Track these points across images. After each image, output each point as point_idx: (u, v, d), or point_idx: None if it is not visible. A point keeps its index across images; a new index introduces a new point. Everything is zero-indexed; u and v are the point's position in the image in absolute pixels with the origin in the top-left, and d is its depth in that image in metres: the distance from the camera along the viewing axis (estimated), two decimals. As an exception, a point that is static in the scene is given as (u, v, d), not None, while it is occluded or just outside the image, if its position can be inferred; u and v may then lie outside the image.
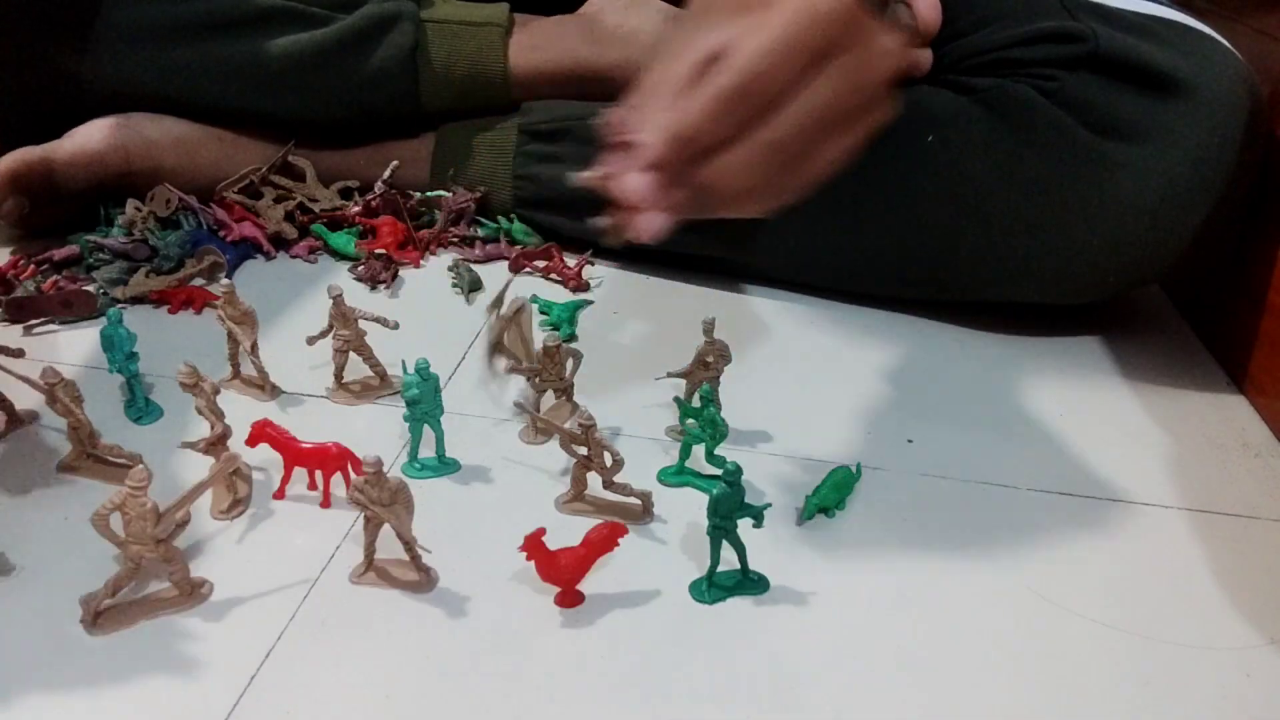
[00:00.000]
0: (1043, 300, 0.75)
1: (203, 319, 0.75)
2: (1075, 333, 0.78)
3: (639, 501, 0.56)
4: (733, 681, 0.46)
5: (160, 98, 0.85)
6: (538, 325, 0.75)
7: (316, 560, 0.52)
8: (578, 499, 0.57)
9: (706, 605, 0.51)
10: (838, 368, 0.72)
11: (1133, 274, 0.72)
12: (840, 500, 0.57)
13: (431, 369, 0.58)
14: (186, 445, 0.56)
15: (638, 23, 0.88)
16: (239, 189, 0.86)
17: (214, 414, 0.56)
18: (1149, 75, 0.68)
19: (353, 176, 0.90)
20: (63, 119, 0.83)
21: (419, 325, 0.72)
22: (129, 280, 0.77)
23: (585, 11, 0.91)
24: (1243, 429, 0.68)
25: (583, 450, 0.55)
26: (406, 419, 0.58)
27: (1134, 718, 0.46)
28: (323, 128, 0.89)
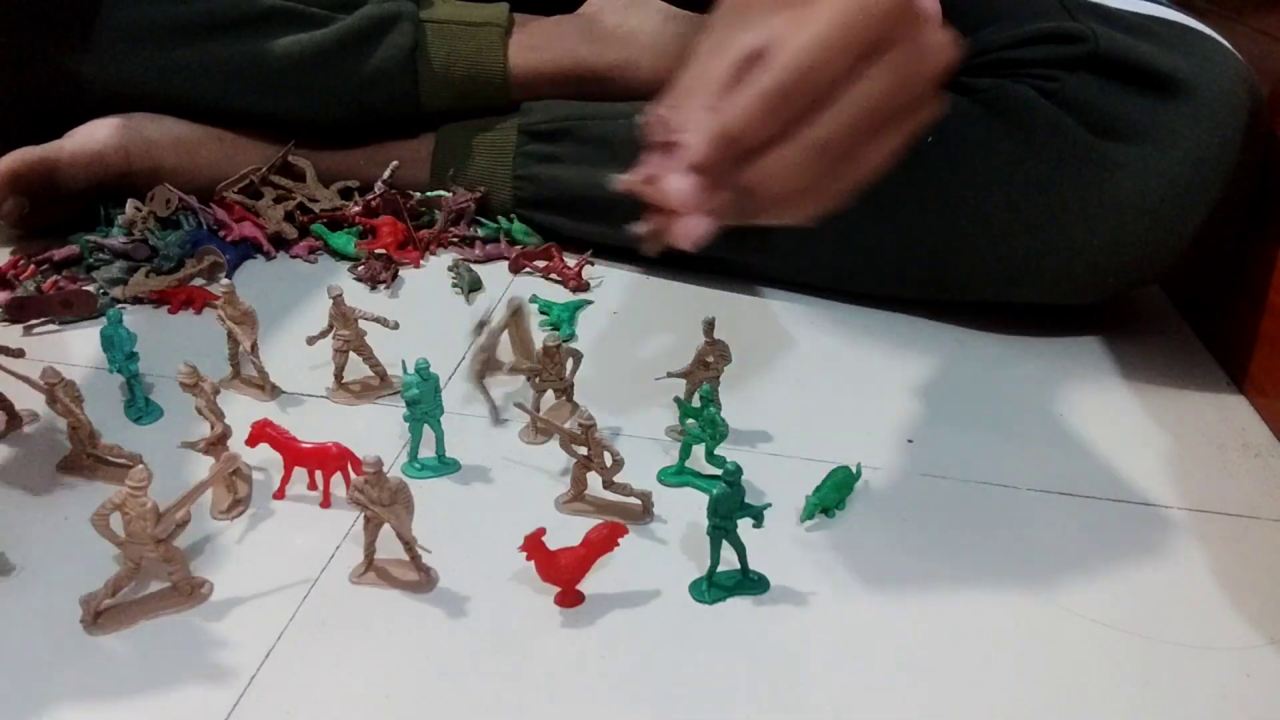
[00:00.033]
0: (1043, 300, 0.75)
1: (203, 319, 0.75)
2: (1075, 333, 0.78)
3: (639, 501, 0.56)
4: (733, 681, 0.46)
5: (160, 98, 0.85)
6: (538, 325, 0.75)
7: (316, 560, 0.52)
8: (578, 499, 0.57)
9: (706, 605, 0.51)
10: (838, 368, 0.72)
11: (1133, 274, 0.72)
12: (840, 500, 0.57)
13: (431, 369, 0.58)
14: (186, 445, 0.56)
15: (637, 23, 0.89)
16: (239, 189, 0.86)
17: (214, 414, 0.56)
18: (1149, 76, 0.68)
19: (353, 176, 0.90)
20: (63, 119, 0.83)
21: (419, 325, 0.72)
22: (129, 280, 0.77)
23: (585, 11, 0.91)
24: (1243, 429, 0.68)
25: (583, 450, 0.55)
26: (406, 419, 0.58)
27: (1134, 718, 0.46)
28: (323, 128, 0.89)
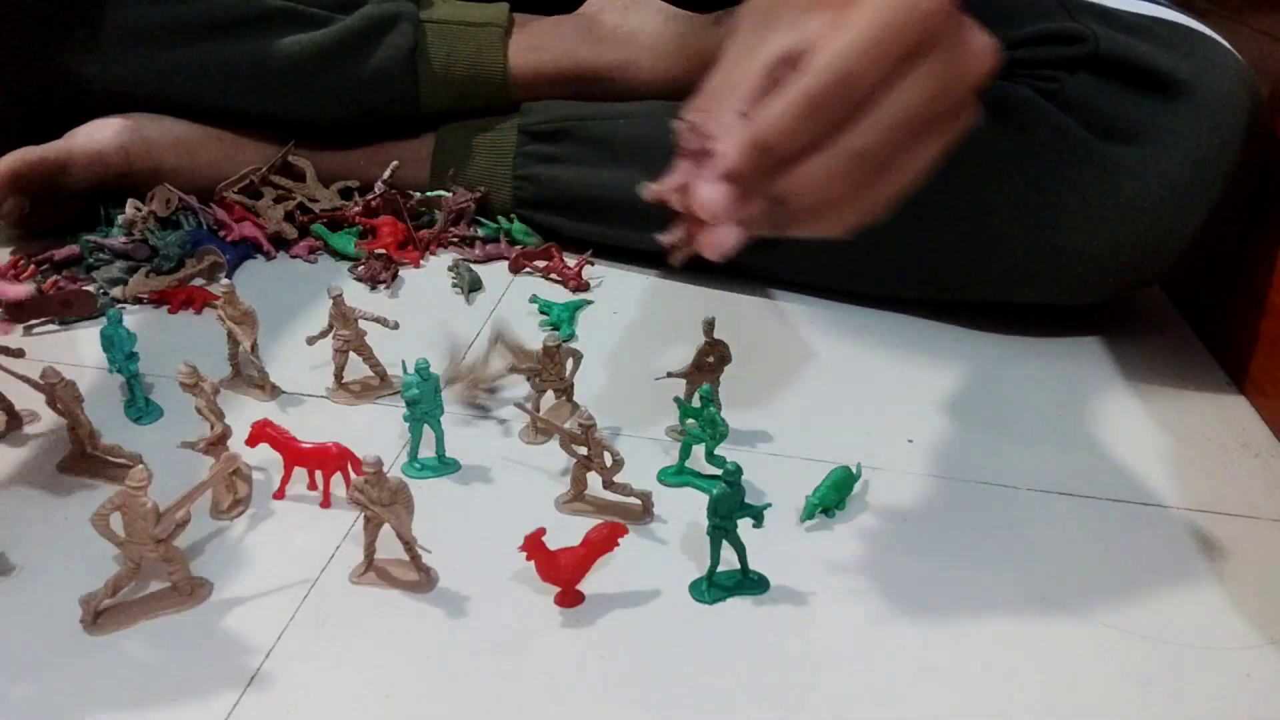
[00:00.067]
0: (1043, 300, 0.75)
1: (203, 319, 0.75)
2: (1075, 333, 0.78)
3: (639, 501, 0.56)
4: (733, 681, 0.46)
5: (160, 98, 0.85)
6: (538, 325, 0.75)
7: (316, 560, 0.52)
8: (578, 499, 0.57)
9: (706, 605, 0.51)
10: (837, 368, 0.72)
11: (1133, 275, 0.72)
12: (840, 500, 0.57)
13: (431, 369, 0.58)
14: (186, 445, 0.56)
15: (637, 23, 0.88)
16: (239, 189, 0.86)
17: (214, 414, 0.56)
18: (1149, 76, 0.68)
19: (353, 176, 0.90)
20: (63, 119, 0.83)
21: (419, 325, 0.72)
22: (129, 280, 0.77)
23: (585, 11, 0.91)
24: (1243, 429, 0.68)
25: (583, 450, 0.55)
26: (406, 419, 0.58)
27: (1134, 718, 0.46)
28: (323, 128, 0.89)
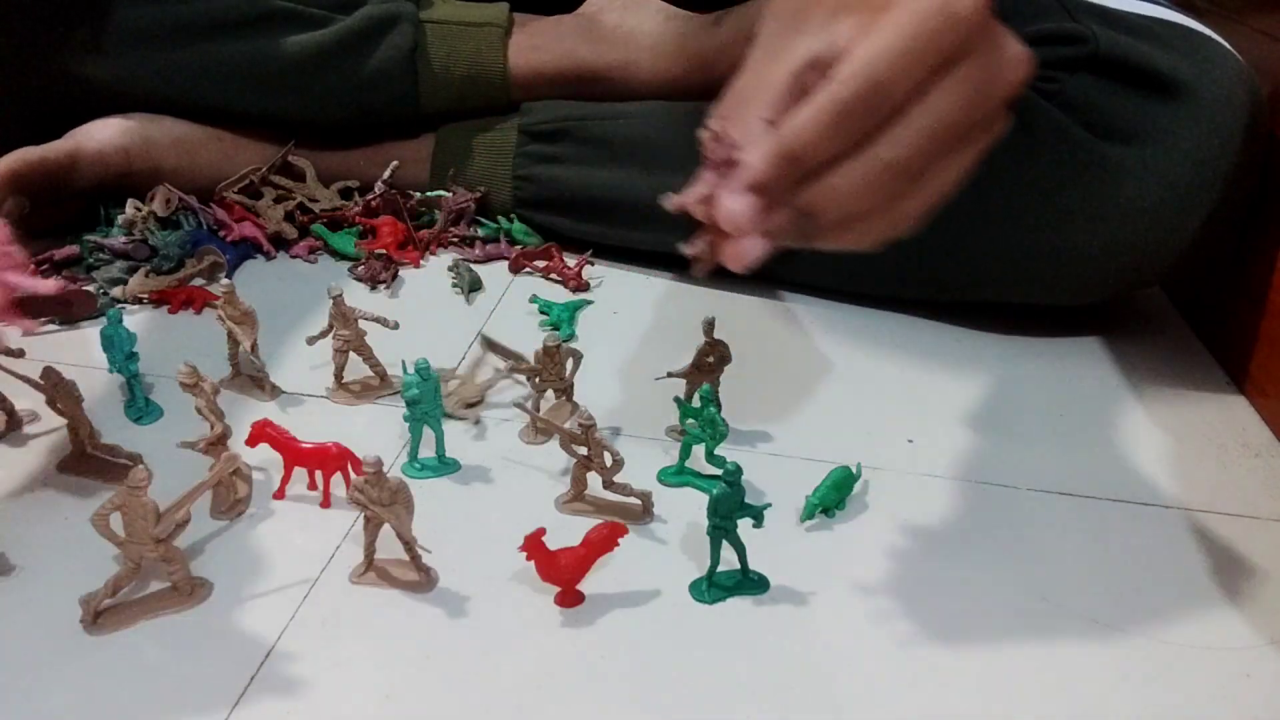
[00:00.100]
0: (1043, 301, 0.75)
1: (203, 319, 0.75)
2: (1075, 333, 0.78)
3: (639, 501, 0.56)
4: (733, 681, 0.46)
5: (161, 98, 0.85)
6: (538, 325, 0.75)
7: (316, 560, 0.52)
8: (578, 499, 0.57)
9: (706, 605, 0.51)
10: (837, 367, 0.72)
11: (1133, 275, 0.72)
12: (840, 500, 0.57)
13: (431, 369, 0.58)
14: (186, 445, 0.56)
15: (637, 23, 0.88)
16: (239, 189, 0.86)
17: (214, 414, 0.56)
18: (1149, 77, 0.68)
19: (353, 176, 0.90)
20: (63, 119, 0.83)
21: (419, 325, 0.72)
22: (129, 280, 0.77)
23: (585, 11, 0.91)
24: (1243, 429, 0.68)
25: (583, 450, 0.55)
26: (406, 419, 0.58)
27: (1134, 718, 0.46)
28: (323, 128, 0.89)
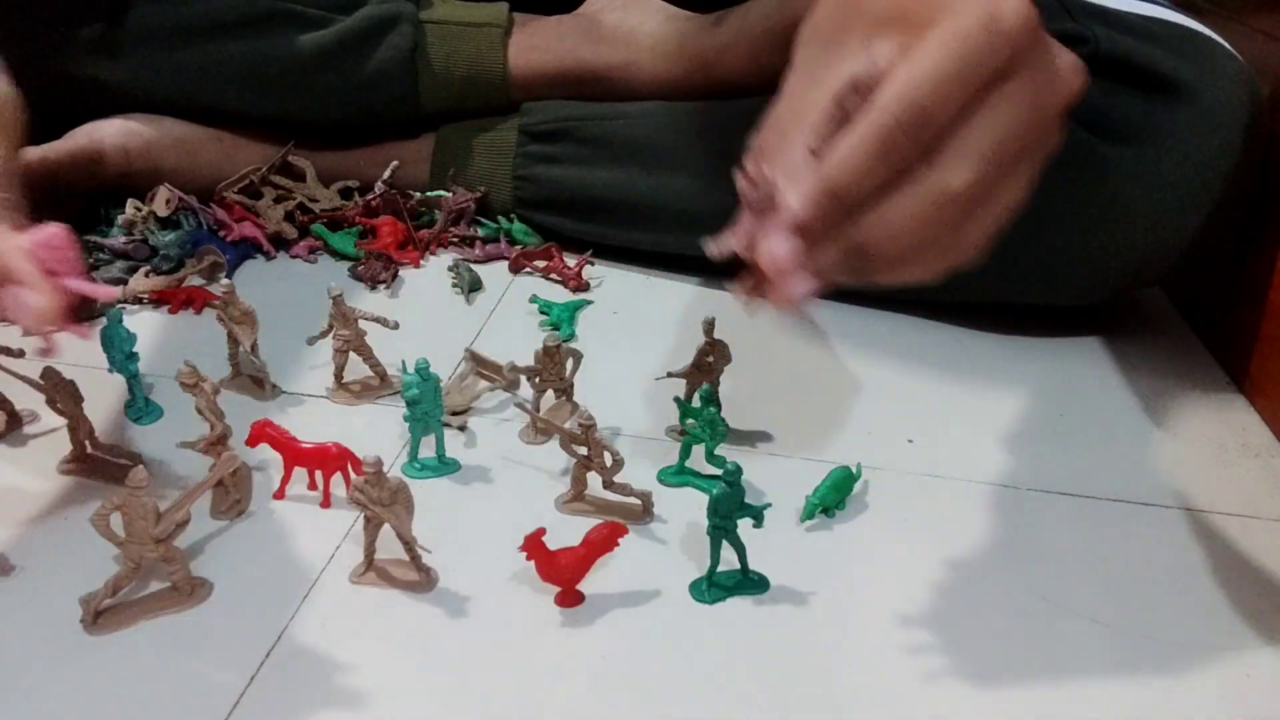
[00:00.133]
0: (1043, 301, 0.75)
1: (203, 319, 0.75)
2: (1075, 333, 0.78)
3: (639, 501, 0.56)
4: (733, 681, 0.46)
5: (161, 98, 0.85)
6: (538, 325, 0.75)
7: (316, 560, 0.52)
8: (578, 499, 0.57)
9: (706, 605, 0.51)
10: (838, 367, 0.72)
11: (1133, 275, 0.72)
12: (840, 500, 0.57)
13: (431, 369, 0.58)
14: (186, 445, 0.56)
15: (637, 22, 0.88)
16: (239, 189, 0.86)
17: (214, 414, 0.56)
18: (1150, 78, 0.68)
19: (353, 176, 0.90)
20: (63, 119, 0.83)
21: (419, 325, 0.72)
22: (129, 280, 0.77)
23: (585, 11, 0.91)
24: (1243, 429, 0.68)
25: (583, 450, 0.55)
26: (406, 419, 0.58)
27: (1134, 718, 0.46)
28: (323, 128, 0.89)
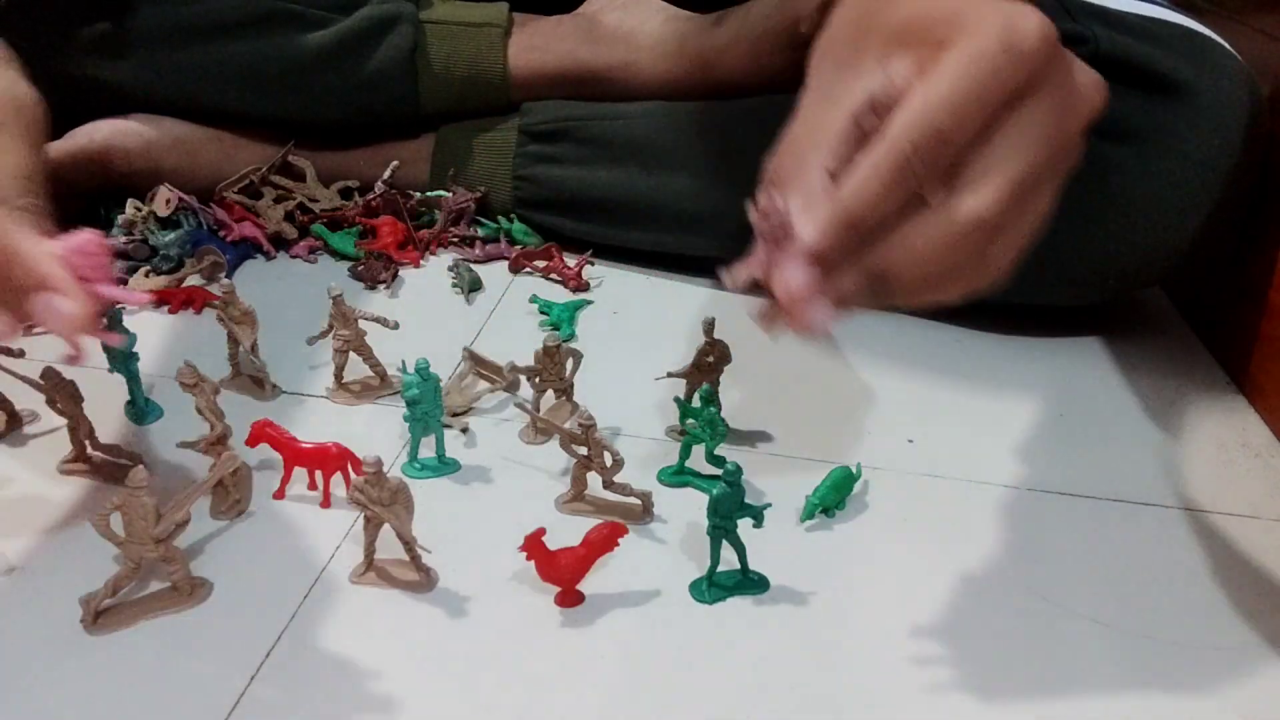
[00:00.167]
0: (1043, 301, 0.75)
1: (203, 319, 0.75)
2: (1075, 333, 0.78)
3: (639, 501, 0.56)
4: (733, 681, 0.46)
5: (161, 99, 0.85)
6: (538, 325, 0.75)
7: (316, 560, 0.52)
8: (578, 499, 0.57)
9: (706, 605, 0.51)
10: (837, 367, 0.72)
11: (1133, 276, 0.72)
12: (840, 500, 0.57)
13: (431, 369, 0.58)
14: (186, 445, 0.56)
15: (637, 22, 0.88)
16: (239, 189, 0.86)
17: (214, 414, 0.56)
18: (1150, 77, 0.68)
19: (353, 176, 0.90)
20: (63, 119, 0.83)
21: (419, 325, 0.72)
22: (129, 280, 0.77)
23: (585, 11, 0.91)
24: (1243, 429, 0.68)
25: (583, 450, 0.55)
26: (406, 419, 0.58)
27: (1134, 717, 0.46)
28: (323, 128, 0.89)
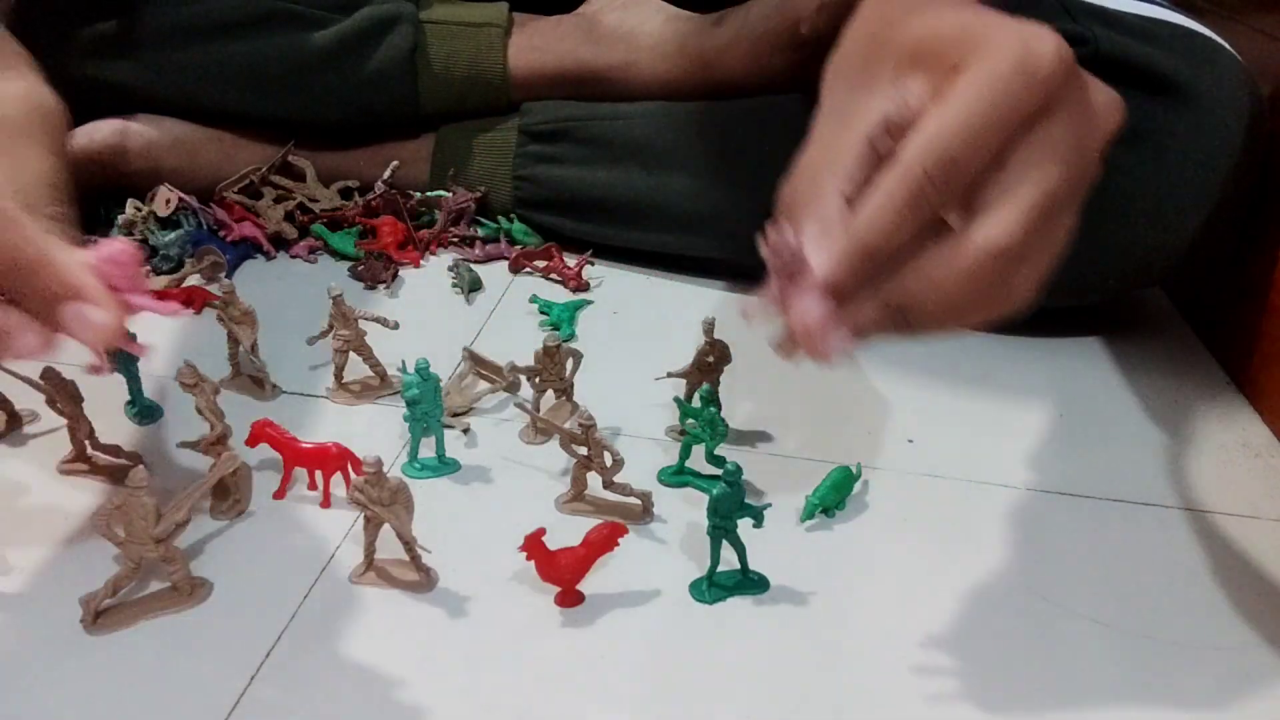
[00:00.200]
0: (1043, 302, 0.75)
1: (203, 319, 0.75)
2: (1075, 333, 0.78)
3: (639, 501, 0.56)
4: (733, 681, 0.46)
5: (161, 99, 0.85)
6: (538, 325, 0.75)
7: (316, 560, 0.52)
8: (578, 499, 0.57)
9: (706, 605, 0.51)
10: (837, 368, 0.72)
11: (1133, 276, 0.72)
12: (840, 500, 0.57)
13: (431, 369, 0.58)
14: (186, 445, 0.56)
15: (637, 22, 0.88)
16: (239, 189, 0.86)
17: (214, 414, 0.56)
18: (1149, 78, 0.68)
19: (353, 176, 0.90)
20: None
21: (419, 325, 0.72)
22: (129, 280, 0.77)
23: (585, 11, 0.91)
24: (1243, 429, 0.68)
25: (583, 450, 0.55)
26: (406, 419, 0.58)
27: (1133, 718, 0.46)
28: (323, 128, 0.89)
